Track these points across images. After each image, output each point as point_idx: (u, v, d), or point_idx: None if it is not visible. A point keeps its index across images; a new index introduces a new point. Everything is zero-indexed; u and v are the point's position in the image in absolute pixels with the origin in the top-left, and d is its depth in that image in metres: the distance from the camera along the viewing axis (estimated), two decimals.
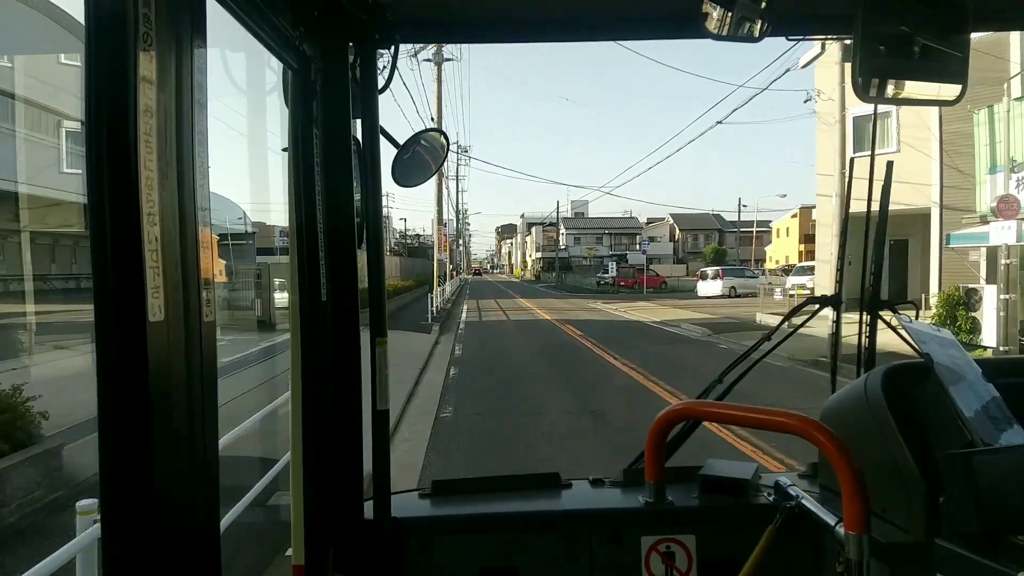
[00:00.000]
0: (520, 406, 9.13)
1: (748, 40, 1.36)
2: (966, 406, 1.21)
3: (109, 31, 0.69)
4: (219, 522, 0.89)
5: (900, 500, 1.30)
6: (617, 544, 1.53)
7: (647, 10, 1.59)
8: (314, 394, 1.37)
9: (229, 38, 1.14)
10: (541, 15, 1.61)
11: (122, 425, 0.71)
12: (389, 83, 1.51)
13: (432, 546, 1.54)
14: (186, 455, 0.78)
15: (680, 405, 1.47)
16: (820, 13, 1.61)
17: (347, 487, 1.47)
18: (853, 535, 1.10)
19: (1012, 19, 1.68)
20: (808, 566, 1.48)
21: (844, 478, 1.11)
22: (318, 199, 1.37)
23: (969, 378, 1.29)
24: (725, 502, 1.58)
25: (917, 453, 1.26)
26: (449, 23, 1.62)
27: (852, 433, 1.30)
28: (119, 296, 0.69)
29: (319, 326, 1.38)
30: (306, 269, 1.35)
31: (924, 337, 1.37)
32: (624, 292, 44.12)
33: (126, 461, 0.71)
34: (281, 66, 1.32)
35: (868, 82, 1.35)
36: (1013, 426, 1.21)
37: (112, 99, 0.69)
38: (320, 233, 1.38)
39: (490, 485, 1.73)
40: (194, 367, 0.79)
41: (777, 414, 1.25)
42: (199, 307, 0.80)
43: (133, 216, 0.69)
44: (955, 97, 1.39)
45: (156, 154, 0.72)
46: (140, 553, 0.72)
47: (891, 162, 1.80)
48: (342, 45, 1.40)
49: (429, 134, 1.71)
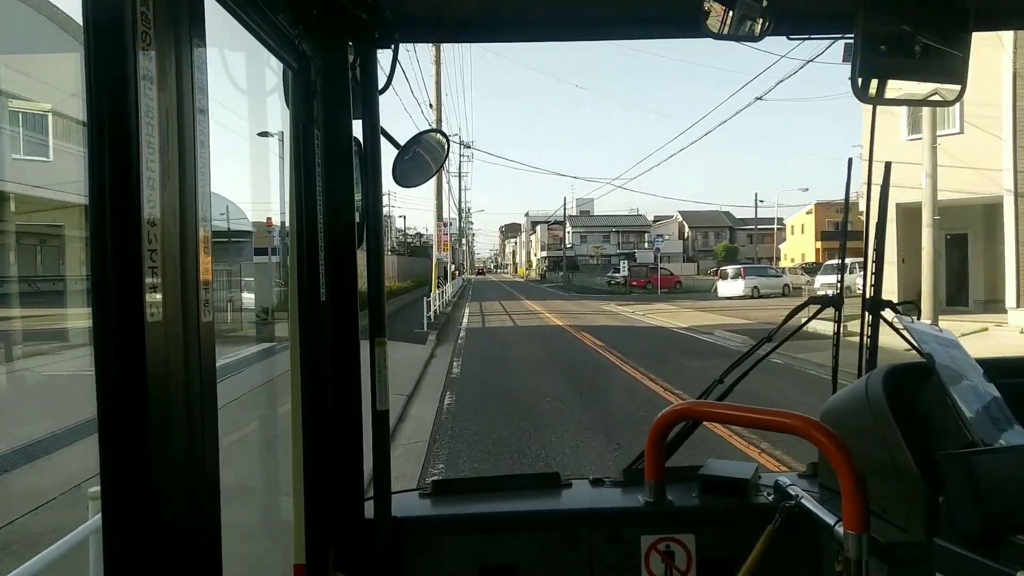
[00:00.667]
0: (543, 465, 6.22)
1: (749, 39, 1.39)
2: (967, 406, 1.22)
3: (108, 31, 0.69)
4: (219, 522, 0.88)
5: (900, 500, 1.31)
6: (617, 544, 1.54)
7: (647, 9, 1.61)
8: (314, 394, 1.39)
9: (228, 38, 1.12)
10: (541, 14, 1.63)
11: (121, 426, 0.71)
12: (389, 83, 1.52)
13: (432, 546, 1.54)
14: (185, 455, 0.79)
15: (680, 405, 1.49)
16: (821, 12, 1.63)
17: (347, 487, 1.48)
18: (852, 534, 1.11)
19: (1012, 19, 1.68)
20: (808, 566, 1.49)
21: (844, 478, 1.12)
22: (318, 199, 1.38)
23: (970, 378, 1.29)
24: (725, 502, 1.58)
25: (917, 453, 1.26)
26: (449, 23, 1.64)
27: (853, 433, 1.31)
28: (118, 297, 0.70)
29: (319, 326, 1.39)
30: (306, 269, 1.36)
31: (926, 337, 1.37)
32: (636, 292, 41.25)
33: (125, 462, 0.72)
34: (281, 66, 1.33)
35: (868, 82, 1.36)
36: (1014, 426, 1.21)
37: (112, 99, 0.69)
38: (320, 233, 1.39)
39: (490, 485, 1.75)
40: (192, 368, 0.79)
41: (777, 414, 1.26)
42: (197, 308, 0.80)
43: (133, 217, 0.70)
44: (955, 97, 1.41)
45: (157, 154, 0.73)
46: (141, 553, 0.73)
47: (889, 163, 1.84)
48: (342, 45, 1.41)
49: (429, 135, 1.71)
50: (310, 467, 1.38)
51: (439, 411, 8.65)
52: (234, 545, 1.01)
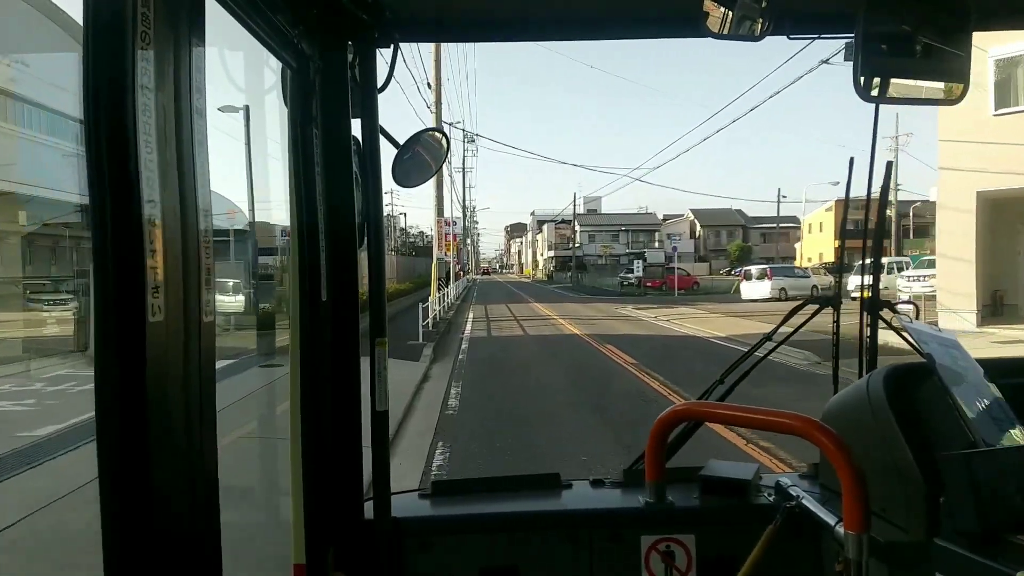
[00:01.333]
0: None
1: (749, 39, 1.39)
2: (968, 407, 1.21)
3: (107, 30, 0.69)
4: (219, 522, 0.89)
5: (900, 500, 1.30)
6: (617, 544, 1.54)
7: (647, 9, 1.62)
8: (314, 394, 1.39)
9: (228, 37, 1.13)
10: (541, 14, 1.63)
11: (121, 425, 0.71)
12: (388, 82, 1.52)
13: (432, 546, 1.54)
14: (185, 455, 0.79)
15: (681, 406, 1.50)
16: (822, 12, 1.63)
17: (347, 487, 1.49)
18: (852, 534, 1.11)
19: (1013, 18, 1.65)
20: (808, 566, 1.48)
21: (844, 478, 1.12)
22: (318, 199, 1.38)
23: (971, 379, 1.29)
24: (725, 502, 1.58)
25: (918, 453, 1.26)
26: (449, 22, 1.64)
27: (853, 433, 1.31)
28: (119, 296, 0.70)
29: (319, 326, 1.39)
30: (306, 269, 1.37)
31: (926, 337, 1.37)
32: (652, 294, 38.94)
33: (125, 462, 0.72)
34: (280, 65, 1.34)
35: (870, 81, 1.36)
36: (1015, 426, 1.21)
37: (111, 99, 0.70)
38: (320, 233, 1.39)
39: (490, 485, 1.74)
40: (193, 367, 0.79)
41: (778, 415, 1.26)
42: (199, 307, 0.81)
43: (133, 216, 0.70)
44: (957, 96, 1.41)
45: (156, 154, 0.73)
46: (141, 553, 0.73)
47: (891, 162, 1.83)
48: (341, 44, 1.41)
49: (429, 134, 1.72)
50: (310, 467, 1.39)
51: (427, 466, 6.31)
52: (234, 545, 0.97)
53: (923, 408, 1.32)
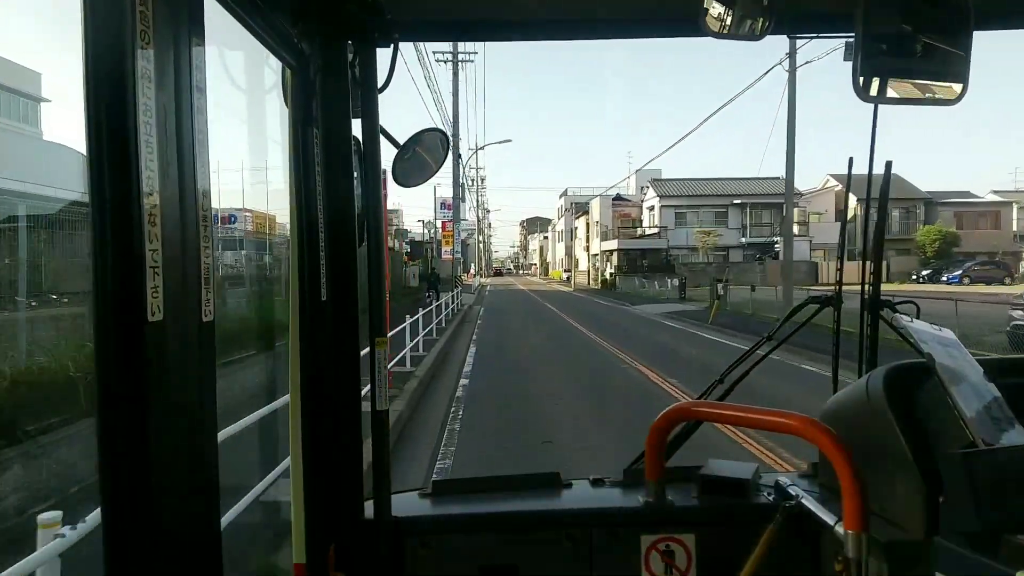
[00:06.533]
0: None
1: (749, 39, 1.38)
2: (967, 406, 1.22)
3: (107, 30, 0.70)
4: (219, 522, 0.89)
5: (900, 500, 1.31)
6: (617, 543, 1.54)
7: (647, 8, 1.62)
8: (314, 393, 1.39)
9: (227, 36, 1.14)
10: (541, 14, 1.64)
11: (121, 425, 0.72)
12: (389, 82, 1.52)
13: (432, 545, 1.54)
14: (185, 454, 0.79)
15: (680, 405, 1.49)
16: (821, 11, 1.63)
17: (347, 487, 1.49)
18: (852, 534, 1.12)
19: (1013, 18, 1.68)
20: (808, 566, 1.49)
21: (844, 477, 1.13)
22: (318, 198, 1.39)
23: (971, 378, 1.29)
24: (725, 502, 1.59)
25: (918, 453, 1.27)
26: (448, 22, 1.65)
27: (853, 433, 1.32)
28: (118, 295, 0.70)
29: (319, 325, 1.40)
30: (306, 268, 1.37)
31: (926, 337, 1.37)
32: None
33: (125, 461, 0.72)
34: (280, 65, 1.34)
35: (870, 81, 1.36)
36: (1015, 426, 1.21)
37: (111, 98, 0.70)
38: (320, 233, 1.40)
39: (490, 484, 1.74)
40: (193, 367, 0.80)
41: (777, 414, 1.26)
42: (199, 307, 0.81)
43: (133, 216, 0.70)
44: (957, 96, 1.41)
45: (156, 153, 0.73)
46: (141, 553, 0.73)
47: (890, 162, 1.79)
48: (341, 43, 1.42)
49: (429, 134, 1.71)
50: (310, 467, 1.39)
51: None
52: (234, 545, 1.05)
53: (922, 408, 1.33)
